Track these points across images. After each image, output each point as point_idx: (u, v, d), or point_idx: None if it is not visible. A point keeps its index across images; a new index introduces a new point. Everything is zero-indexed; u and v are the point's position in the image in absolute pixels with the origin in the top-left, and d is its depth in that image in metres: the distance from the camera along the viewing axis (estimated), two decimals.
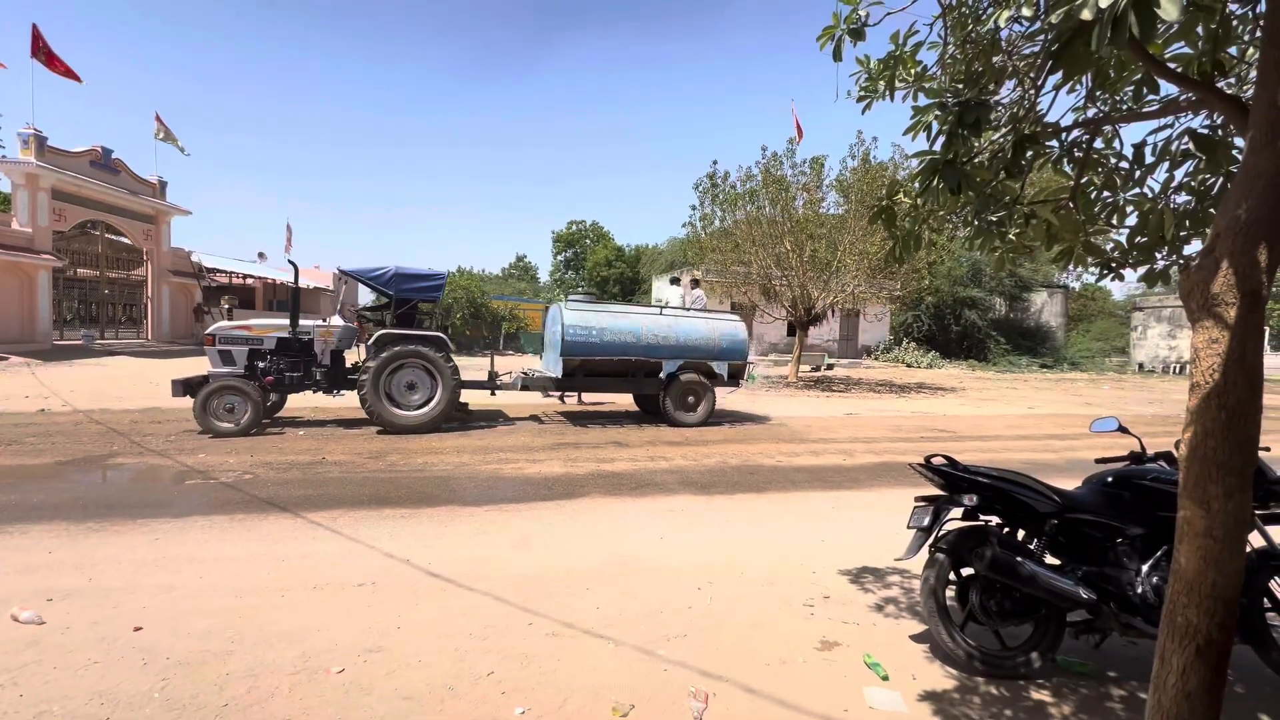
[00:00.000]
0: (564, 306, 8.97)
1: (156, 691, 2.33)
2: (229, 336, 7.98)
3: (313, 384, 8.13)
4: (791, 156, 16.36)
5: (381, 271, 8.27)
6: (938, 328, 27.89)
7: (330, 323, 8.73)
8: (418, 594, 3.29)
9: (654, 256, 41.99)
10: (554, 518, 4.73)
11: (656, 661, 2.68)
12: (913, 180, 2.25)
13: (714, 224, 17.73)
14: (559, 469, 6.31)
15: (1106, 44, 1.49)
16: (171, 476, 5.72)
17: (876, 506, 5.30)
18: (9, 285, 17.12)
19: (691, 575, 3.64)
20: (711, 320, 9.70)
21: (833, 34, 2.43)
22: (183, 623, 2.88)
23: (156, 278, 22.53)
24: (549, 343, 9.54)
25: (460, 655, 2.68)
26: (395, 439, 7.58)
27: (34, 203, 17.64)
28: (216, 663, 2.55)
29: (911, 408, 12.69)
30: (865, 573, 3.77)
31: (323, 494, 5.15)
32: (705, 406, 9.25)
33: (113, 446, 6.78)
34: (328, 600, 3.18)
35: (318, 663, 2.57)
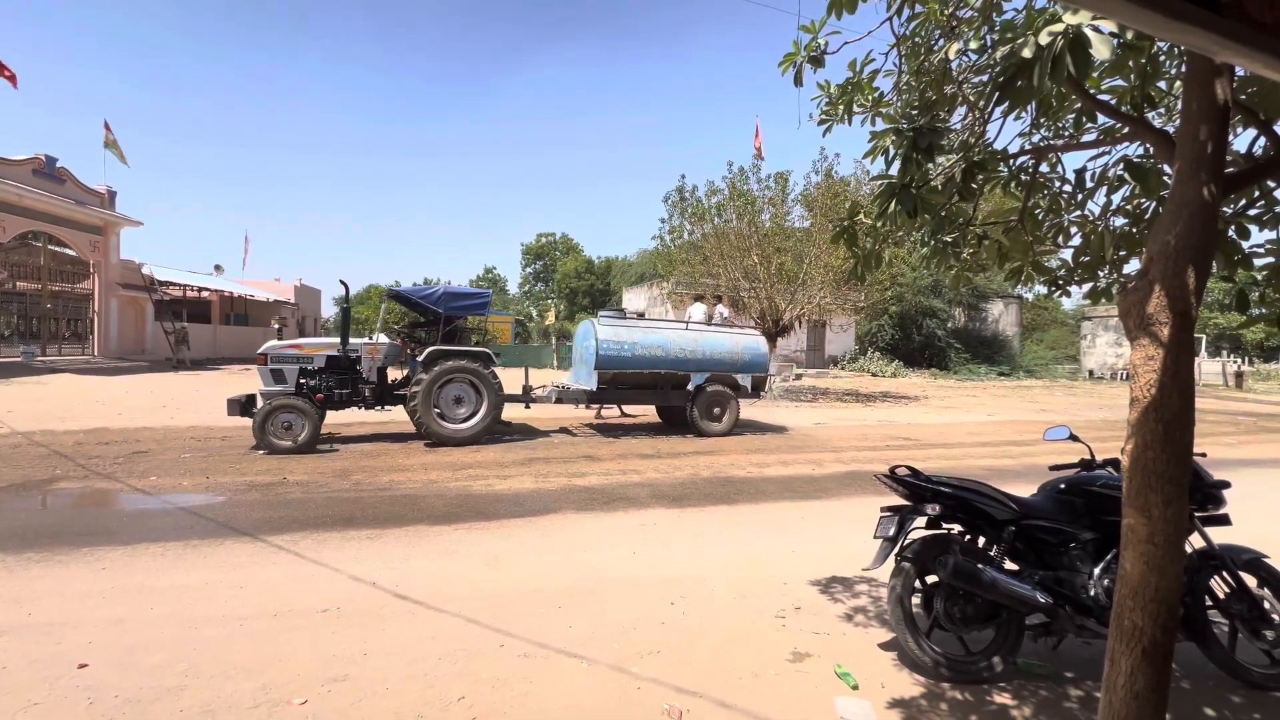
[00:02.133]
0: (597, 323, 9.37)
1: None
2: (280, 355, 8.13)
3: (360, 400, 8.33)
4: (757, 171, 16.73)
5: (431, 291, 8.70)
6: (901, 337, 28.69)
7: (376, 340, 8.87)
8: (385, 618, 3.21)
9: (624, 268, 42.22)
10: (525, 535, 4.68)
11: (630, 679, 2.67)
12: (873, 202, 2.34)
13: (683, 237, 17.96)
14: (529, 485, 6.25)
15: (1047, 79, 1.59)
16: (120, 501, 5.45)
17: (844, 516, 5.40)
18: None
19: (664, 590, 3.65)
20: (735, 335, 10.26)
21: (794, 60, 2.52)
22: (132, 657, 2.74)
23: (104, 291, 21.54)
24: (579, 357, 9.94)
25: (430, 681, 2.62)
26: (360, 457, 7.40)
27: None
28: (169, 699, 2.44)
29: (877, 416, 13.00)
30: (835, 582, 3.84)
31: (283, 516, 4.98)
32: (730, 416, 9.69)
33: (55, 470, 6.43)
34: (289, 628, 3.07)
35: (279, 694, 2.48)
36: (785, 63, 2.47)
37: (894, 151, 2.23)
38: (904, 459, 6.55)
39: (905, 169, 2.12)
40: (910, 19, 2.41)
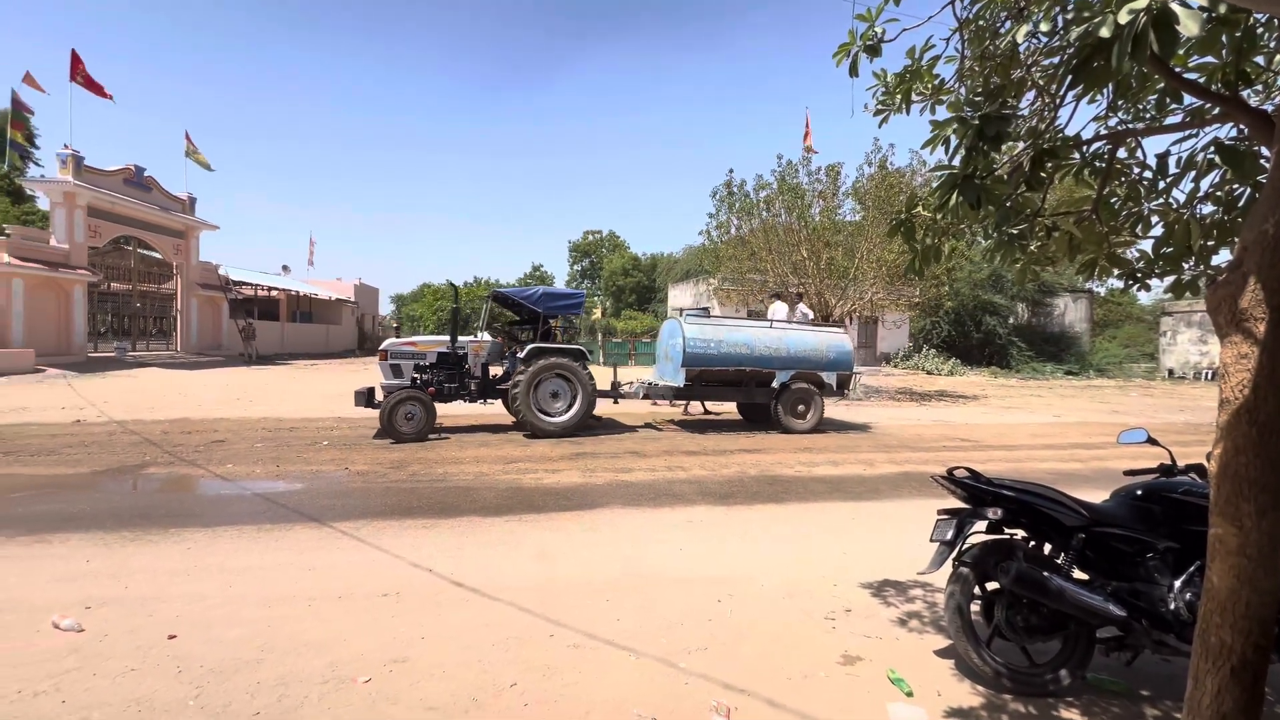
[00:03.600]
0: (684, 321, 9.59)
1: (191, 699, 2.40)
2: (399, 352, 8.80)
3: (466, 394, 8.89)
4: (807, 164, 16.36)
5: (531, 292, 9.16)
6: (958, 334, 27.49)
7: (481, 338, 9.48)
8: (441, 604, 3.34)
9: (670, 265, 42.08)
10: (573, 528, 4.76)
11: (678, 674, 2.69)
12: (931, 195, 2.26)
13: (730, 232, 17.76)
14: (577, 479, 6.35)
15: (1126, 60, 1.49)
16: (201, 486, 5.87)
17: (897, 518, 5.24)
18: (47, 300, 17.72)
19: (711, 587, 3.64)
20: (820, 333, 10.25)
21: (849, 50, 2.45)
22: (215, 631, 2.96)
23: (185, 291, 23.15)
24: (664, 355, 10.16)
25: (484, 666, 2.71)
26: (415, 449, 7.69)
27: (71, 220, 18.28)
28: (248, 671, 2.62)
29: (932, 416, 12.52)
30: (887, 586, 3.74)
31: (346, 504, 5.25)
32: (815, 414, 9.77)
33: (145, 456, 6.97)
34: (353, 610, 3.24)
35: (345, 672, 2.62)
36: (840, 53, 2.41)
37: (956, 141, 2.14)
38: (961, 460, 6.29)
39: (968, 159, 2.03)
40: (974, 1, 2.31)
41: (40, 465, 6.44)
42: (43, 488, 5.58)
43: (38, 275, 17.01)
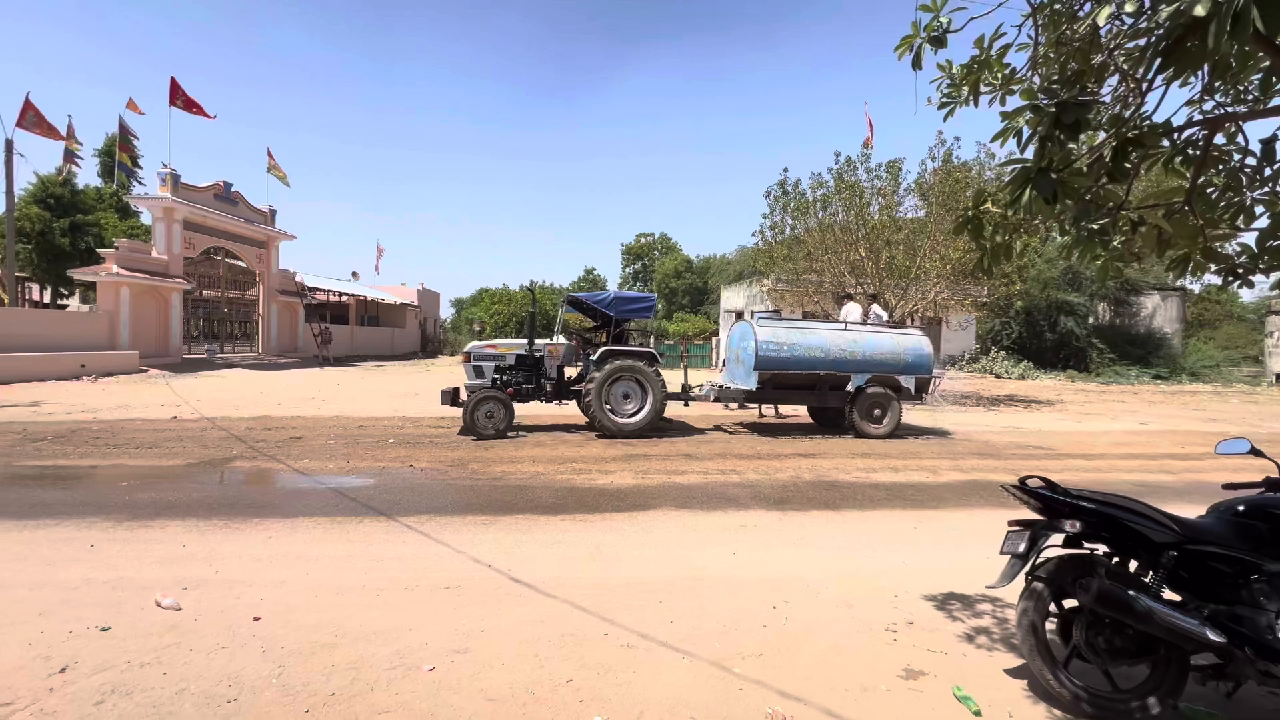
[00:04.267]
0: (756, 324, 9.52)
1: (274, 677, 2.58)
2: (481, 354, 9.25)
3: (542, 394, 9.23)
4: (866, 161, 15.87)
5: (604, 297, 9.37)
6: (1030, 335, 25.92)
7: (556, 341, 9.82)
8: (500, 599, 3.44)
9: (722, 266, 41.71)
10: (627, 529, 4.80)
11: (732, 679, 2.67)
12: (1002, 190, 2.15)
13: (785, 232, 17.45)
14: (630, 480, 6.39)
15: (1225, 39, 1.38)
16: (281, 479, 6.27)
17: (964, 528, 5.00)
18: (149, 306, 19.40)
19: (765, 593, 3.59)
20: (896, 335, 9.94)
21: (912, 43, 2.38)
22: (293, 615, 3.16)
23: (266, 297, 24.83)
24: (735, 358, 10.12)
25: (540, 661, 2.77)
26: (475, 448, 7.94)
27: (169, 233, 19.95)
28: (323, 654, 2.78)
29: (1002, 422, 11.87)
30: (952, 599, 3.57)
31: (411, 499, 5.49)
32: (892, 419, 9.49)
33: (232, 450, 7.52)
34: (418, 601, 3.39)
35: (411, 660, 2.75)
36: (902, 46, 2.34)
37: (1029, 132, 2.04)
38: (1034, 470, 5.94)
39: (1043, 150, 1.93)
40: None
41: (143, 457, 7.06)
42: (145, 477, 6.12)
43: (141, 284, 18.64)
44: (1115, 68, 2.18)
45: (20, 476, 6.10)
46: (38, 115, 18.48)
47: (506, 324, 27.23)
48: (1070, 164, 2.05)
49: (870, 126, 18.18)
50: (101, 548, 4.10)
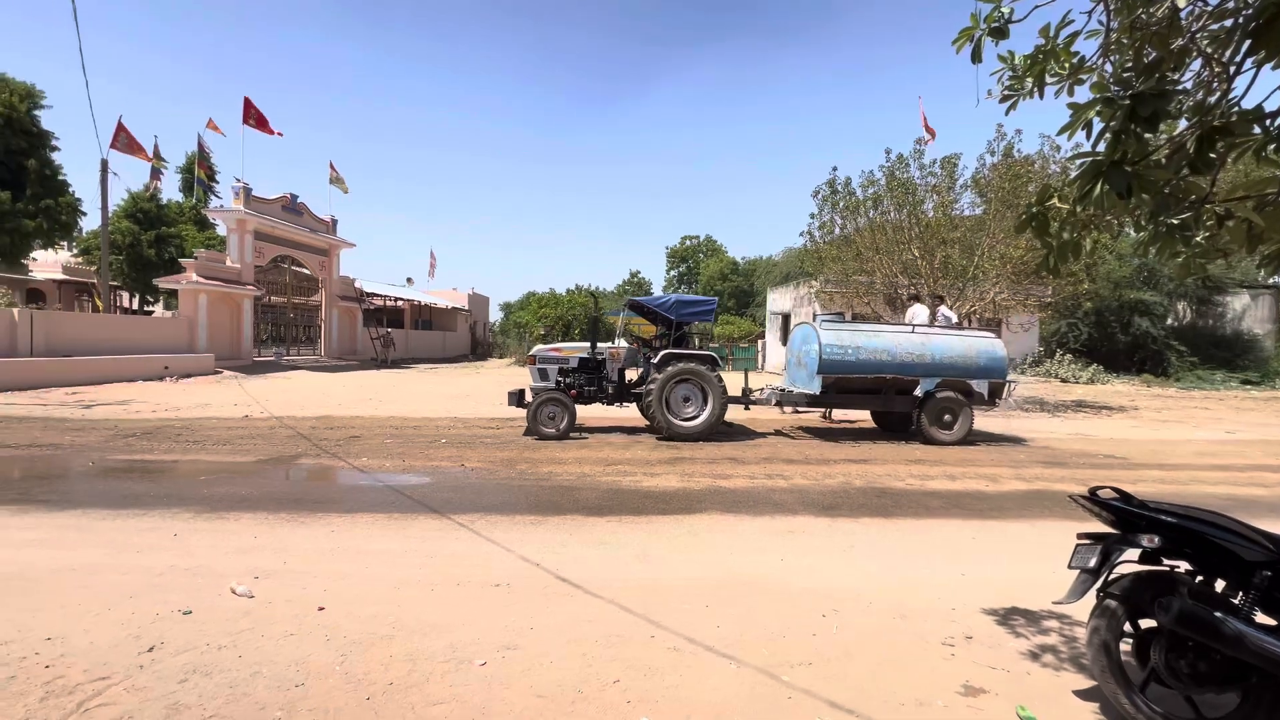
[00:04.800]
0: (819, 326, 9.38)
1: (337, 665, 2.71)
2: (545, 357, 9.46)
3: (604, 397, 9.38)
4: (919, 157, 15.34)
5: (665, 300, 9.43)
6: (1100, 337, 24.38)
7: (618, 344, 10.02)
8: (548, 597, 3.50)
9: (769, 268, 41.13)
10: (672, 532, 4.79)
11: (781, 687, 2.63)
12: (1070, 185, 2.05)
13: (834, 232, 17.06)
14: (675, 484, 6.38)
15: None
16: (342, 476, 6.58)
17: (1027, 540, 4.76)
18: (224, 312, 20.71)
19: (814, 601, 3.52)
20: (967, 338, 9.66)
21: (971, 35, 2.30)
22: (354, 607, 3.31)
23: (328, 303, 26.09)
24: (797, 361, 10.02)
25: (588, 661, 2.81)
26: (524, 449, 8.11)
27: (242, 243, 21.25)
28: (382, 645, 2.90)
29: (1069, 429, 11.23)
30: (1015, 614, 3.41)
31: (462, 498, 5.65)
32: (963, 425, 9.19)
33: (298, 448, 7.94)
34: (469, 597, 3.48)
35: (464, 654, 2.83)
36: (961, 38, 2.27)
37: (1100, 124, 1.93)
38: (1105, 479, 5.59)
39: (1116, 143, 1.83)
40: None
41: (219, 453, 7.55)
42: (221, 472, 6.54)
43: (217, 291, 19.93)
44: (1198, 51, 2.04)
45: (113, 470, 6.62)
46: (129, 137, 20.05)
47: (553, 327, 27.68)
48: (1147, 156, 1.93)
49: (925, 120, 17.57)
50: (183, 537, 4.40)
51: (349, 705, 2.41)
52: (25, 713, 2.31)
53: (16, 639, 2.85)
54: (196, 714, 2.33)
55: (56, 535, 4.39)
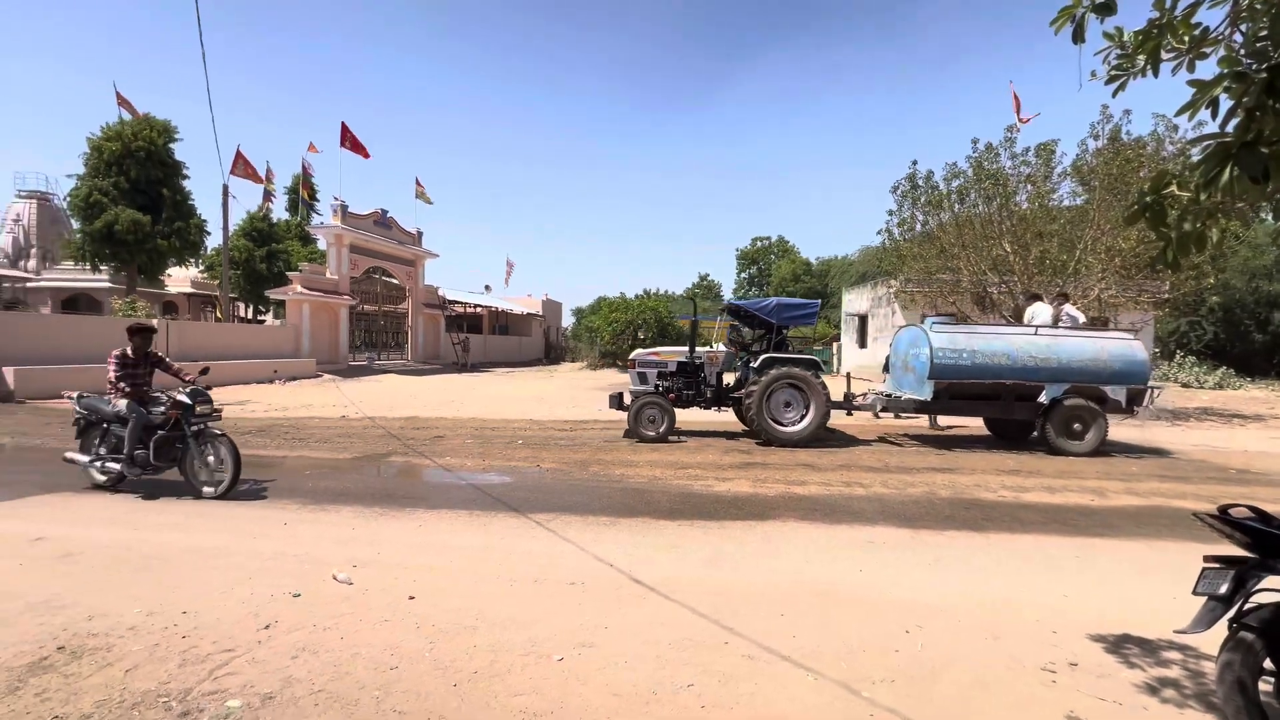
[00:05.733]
0: (930, 329, 8.97)
1: (426, 651, 2.87)
2: (645, 361, 9.67)
3: (702, 401, 9.42)
4: (1011, 145, 14.31)
5: (766, 303, 9.37)
6: (1230, 337, 21.76)
7: (716, 348, 10.20)
8: (621, 598, 3.55)
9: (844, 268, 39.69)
10: (745, 537, 4.73)
11: (861, 703, 2.53)
12: (1193, 170, 1.86)
13: (915, 229, 16.25)
14: (747, 489, 6.29)
15: None
16: (428, 474, 6.97)
17: (1141, 561, 4.32)
18: (324, 320, 22.49)
19: (896, 615, 3.36)
20: (1100, 339, 8.92)
21: (1073, 14, 2.14)
22: (441, 598, 3.50)
23: (414, 310, 27.73)
24: (903, 365, 9.60)
25: (662, 663, 2.82)
26: (597, 451, 8.26)
27: (339, 256, 23.01)
28: (466, 635, 3.05)
29: (1192, 439, 10.08)
30: (1128, 642, 3.10)
31: (539, 497, 5.84)
32: (1095, 434, 8.46)
33: (388, 447, 8.49)
34: (546, 594, 3.60)
35: (542, 648, 2.93)
36: (1061, 17, 2.12)
37: (1228, 101, 1.74)
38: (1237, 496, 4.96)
39: (1249, 121, 1.64)
40: None
41: (321, 450, 8.20)
42: (322, 468, 7.10)
43: (318, 300, 21.68)
44: None
45: None
46: (245, 163, 22.26)
47: (624, 331, 28.03)
48: None
49: (1018, 105, 16.36)
50: (291, 526, 4.82)
51: (437, 690, 2.56)
52: (167, 676, 2.61)
53: (158, 611, 3.23)
54: (306, 687, 2.55)
55: (187, 520, 4.93)
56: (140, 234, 22.09)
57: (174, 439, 5.59)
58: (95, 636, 2.94)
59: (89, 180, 22.26)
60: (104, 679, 2.58)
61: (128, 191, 22.39)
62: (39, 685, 2.53)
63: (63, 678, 2.59)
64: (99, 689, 2.51)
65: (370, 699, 2.48)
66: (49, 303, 30.84)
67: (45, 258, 33.90)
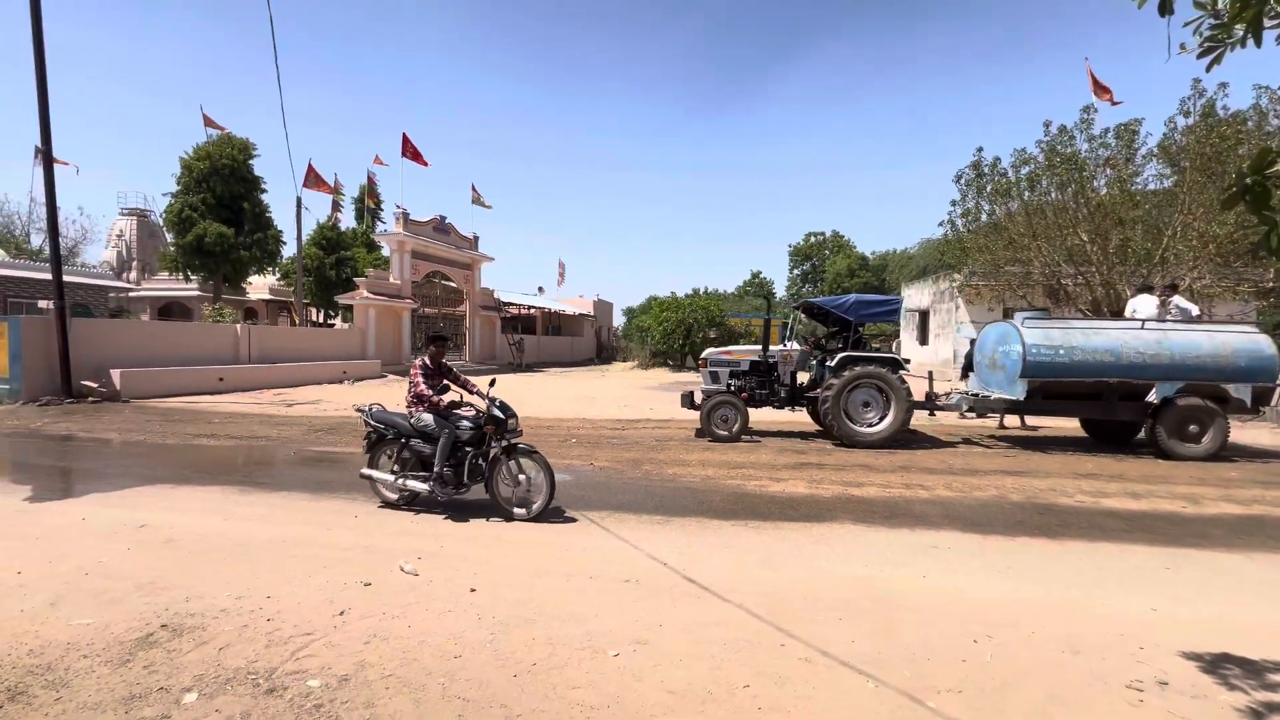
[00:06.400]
0: (1022, 325, 8.51)
1: (488, 642, 2.98)
2: (717, 360, 9.64)
3: (776, 400, 9.34)
4: (1088, 127, 13.41)
5: (843, 301, 9.08)
6: None
7: (789, 347, 10.07)
8: (675, 596, 3.57)
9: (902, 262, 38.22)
10: (800, 540, 4.64)
11: (926, 713, 2.44)
12: None
13: (980, 219, 15.49)
14: (803, 489, 6.17)
15: None
16: None
17: (1241, 575, 3.98)
18: (389, 323, 23.57)
19: (962, 623, 3.22)
20: (1218, 334, 8.23)
21: None
22: (501, 590, 3.61)
23: (471, 312, 28.65)
24: (990, 363, 9.19)
25: (716, 663, 2.82)
26: (649, 450, 8.30)
27: (402, 262, 24.04)
28: (525, 628, 3.14)
29: None
30: (1226, 662, 2.86)
31: (593, 495, 5.92)
32: (1214, 437, 7.89)
33: None
34: (602, 590, 3.65)
35: (598, 644, 2.98)
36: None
37: None
38: None
39: None
40: None
41: None
42: None
43: (382, 305, 22.74)
44: None
45: (309, 459, 7.82)
46: (317, 176, 23.59)
47: (675, 330, 28.01)
48: None
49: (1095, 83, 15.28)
50: (361, 519, 5.09)
51: (498, 680, 2.65)
52: (254, 655, 2.82)
53: (246, 595, 3.48)
54: (378, 671, 2.69)
55: (270, 512, 5.28)
56: (225, 245, 23.80)
57: (481, 455, 5.13)
58: (193, 616, 3.21)
59: (181, 197, 24.17)
60: (200, 655, 2.81)
61: (214, 206, 24.17)
62: (146, 659, 2.78)
63: (166, 653, 2.83)
64: (196, 664, 2.73)
65: (436, 685, 2.60)
66: (147, 310, 33.68)
67: (144, 269, 37.06)
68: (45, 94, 12.54)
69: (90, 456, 7.80)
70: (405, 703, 2.47)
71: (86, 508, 5.29)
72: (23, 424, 10.14)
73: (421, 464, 5.25)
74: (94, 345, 13.68)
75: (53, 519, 4.96)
